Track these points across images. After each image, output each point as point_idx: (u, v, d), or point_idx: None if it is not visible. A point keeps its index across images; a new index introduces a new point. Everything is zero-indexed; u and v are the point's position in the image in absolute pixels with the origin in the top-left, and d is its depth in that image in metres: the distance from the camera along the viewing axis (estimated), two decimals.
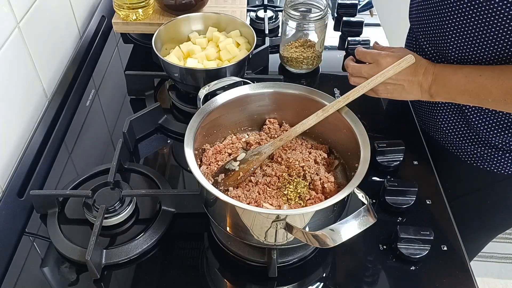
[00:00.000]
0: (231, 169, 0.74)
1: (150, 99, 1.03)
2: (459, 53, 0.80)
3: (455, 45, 0.80)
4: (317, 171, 0.74)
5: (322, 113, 0.75)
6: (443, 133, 0.93)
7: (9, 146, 0.84)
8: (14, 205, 0.79)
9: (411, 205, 0.80)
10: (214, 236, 0.78)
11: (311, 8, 1.05)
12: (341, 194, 0.63)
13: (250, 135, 0.83)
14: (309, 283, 0.73)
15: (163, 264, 0.74)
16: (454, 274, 0.73)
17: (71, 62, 1.08)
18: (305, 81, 1.10)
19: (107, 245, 0.75)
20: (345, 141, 0.75)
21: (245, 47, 1.00)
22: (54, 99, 0.98)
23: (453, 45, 0.80)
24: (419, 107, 0.99)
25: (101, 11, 1.25)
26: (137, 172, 0.87)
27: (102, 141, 0.96)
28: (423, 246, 0.73)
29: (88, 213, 0.77)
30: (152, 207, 0.81)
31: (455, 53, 0.80)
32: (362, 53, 0.86)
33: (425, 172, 0.88)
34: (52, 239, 0.76)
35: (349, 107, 0.75)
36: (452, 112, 0.89)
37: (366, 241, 0.77)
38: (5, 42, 0.82)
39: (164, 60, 0.92)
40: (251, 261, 0.75)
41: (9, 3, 0.83)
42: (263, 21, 1.22)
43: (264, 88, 0.80)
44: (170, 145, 0.95)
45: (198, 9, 1.15)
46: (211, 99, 0.77)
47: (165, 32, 1.00)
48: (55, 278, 0.73)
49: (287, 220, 0.62)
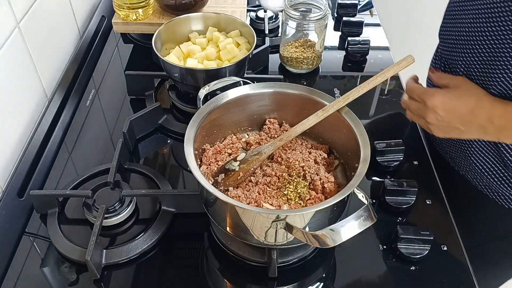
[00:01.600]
0: (231, 169, 0.74)
1: (150, 99, 1.03)
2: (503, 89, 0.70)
3: (501, 81, 0.70)
4: (317, 171, 0.74)
5: (322, 113, 0.75)
6: (476, 172, 0.84)
7: (9, 146, 0.84)
8: (14, 205, 0.79)
9: (411, 205, 0.80)
10: (214, 236, 0.78)
11: (311, 8, 1.05)
12: (341, 194, 0.63)
13: (250, 135, 0.83)
14: (309, 283, 0.73)
15: (163, 264, 0.74)
16: (454, 274, 0.73)
17: (71, 62, 1.08)
18: (305, 81, 1.10)
19: (107, 245, 0.75)
20: (345, 141, 0.75)
21: (245, 47, 1.00)
22: (54, 99, 0.98)
23: (499, 80, 0.70)
24: (447, 142, 0.90)
25: (101, 11, 1.25)
26: (137, 172, 0.87)
27: (102, 141, 0.96)
28: (423, 246, 0.73)
29: (88, 213, 0.77)
30: (152, 207, 0.81)
31: (499, 88, 0.71)
32: (410, 88, 0.76)
33: (425, 172, 0.88)
34: (52, 239, 0.76)
35: (349, 107, 0.75)
36: (486, 151, 0.80)
37: (366, 241, 0.77)
38: (5, 42, 0.82)
39: (164, 60, 0.92)
40: (251, 261, 0.75)
41: (9, 3, 0.83)
42: (263, 21, 1.22)
43: (264, 88, 0.80)
44: (170, 145, 0.95)
45: (198, 9, 1.15)
46: (211, 99, 0.77)
47: (165, 32, 1.00)
48: (55, 278, 0.73)
49: (287, 220, 0.62)
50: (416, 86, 0.75)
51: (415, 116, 0.75)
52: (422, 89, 0.74)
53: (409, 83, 0.77)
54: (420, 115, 0.73)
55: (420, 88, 0.74)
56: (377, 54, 1.17)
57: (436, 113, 0.70)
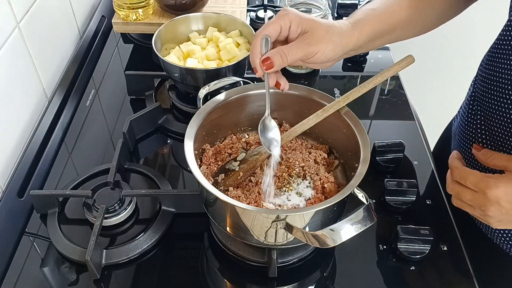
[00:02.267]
0: (231, 169, 0.74)
1: (150, 99, 1.03)
2: None
3: None
4: (317, 171, 0.74)
5: (322, 113, 0.75)
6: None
7: (9, 146, 0.84)
8: (14, 205, 0.79)
9: (411, 205, 0.80)
10: (214, 236, 0.78)
11: (311, 8, 1.05)
12: (341, 194, 0.63)
13: (250, 135, 0.83)
14: (309, 283, 0.73)
15: (163, 264, 0.74)
16: (454, 274, 0.73)
17: (71, 62, 1.08)
18: (305, 81, 1.10)
19: (107, 245, 0.75)
20: (345, 141, 0.75)
21: (245, 47, 1.00)
22: (54, 99, 0.98)
23: None
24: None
25: (101, 11, 1.25)
26: (137, 172, 0.87)
27: (102, 141, 0.96)
28: (423, 246, 0.73)
29: (88, 213, 0.77)
30: (152, 207, 0.81)
31: None
32: (461, 175, 0.62)
33: (425, 172, 0.88)
34: (52, 239, 0.76)
35: (349, 107, 0.75)
36: None
37: (366, 241, 0.77)
38: (5, 42, 0.82)
39: (164, 60, 0.92)
40: (251, 261, 0.75)
41: (9, 3, 0.83)
42: (263, 21, 1.22)
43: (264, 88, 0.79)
44: (170, 145, 0.95)
45: (198, 9, 1.15)
46: (211, 99, 0.77)
47: (165, 32, 1.00)
48: (55, 278, 0.73)
49: (287, 220, 0.62)
50: (469, 171, 0.61)
51: (468, 206, 0.62)
52: (479, 176, 0.60)
53: (456, 167, 0.63)
54: (476, 207, 0.61)
55: (475, 175, 0.60)
56: (377, 54, 1.17)
57: (500, 205, 0.58)
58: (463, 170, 0.62)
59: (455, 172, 0.63)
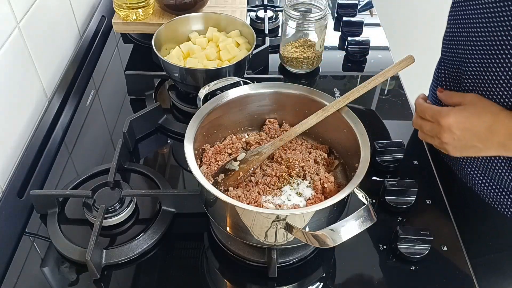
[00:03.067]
0: (231, 169, 0.74)
1: (150, 99, 1.03)
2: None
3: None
4: (317, 171, 0.74)
5: (322, 113, 0.75)
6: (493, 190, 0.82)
7: (9, 146, 0.84)
8: (14, 205, 0.79)
9: (411, 205, 0.80)
10: (214, 236, 0.78)
11: (311, 8, 1.05)
12: (341, 194, 0.63)
13: (250, 135, 0.83)
14: (309, 283, 0.73)
15: (163, 264, 0.74)
16: (454, 274, 0.73)
17: (71, 62, 1.08)
18: (305, 81, 1.10)
19: (107, 245, 0.75)
20: (345, 141, 0.75)
21: (245, 47, 1.00)
22: (54, 99, 0.98)
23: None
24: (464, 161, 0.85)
25: (101, 11, 1.25)
26: (137, 172, 0.87)
27: (102, 141, 0.96)
28: (423, 246, 0.73)
29: (88, 213, 0.77)
30: (152, 207, 0.81)
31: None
32: (421, 109, 0.73)
33: (425, 172, 0.88)
34: (52, 239, 0.76)
35: (349, 107, 0.75)
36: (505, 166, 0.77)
37: (366, 241, 0.77)
38: (5, 42, 0.82)
39: (164, 60, 0.92)
40: (251, 261, 0.75)
41: (9, 3, 0.83)
42: (263, 21, 1.22)
43: (264, 88, 0.80)
44: (170, 145, 0.95)
45: (198, 9, 1.15)
46: (211, 99, 0.77)
47: (165, 32, 1.00)
48: (55, 278, 0.73)
49: (287, 220, 0.62)
50: (428, 106, 0.72)
51: (429, 136, 0.73)
52: (435, 109, 0.71)
53: (419, 103, 0.74)
54: (434, 136, 0.71)
55: (432, 108, 0.71)
56: (377, 54, 1.17)
57: (452, 132, 0.68)
58: (424, 106, 0.73)
59: (418, 108, 0.74)
